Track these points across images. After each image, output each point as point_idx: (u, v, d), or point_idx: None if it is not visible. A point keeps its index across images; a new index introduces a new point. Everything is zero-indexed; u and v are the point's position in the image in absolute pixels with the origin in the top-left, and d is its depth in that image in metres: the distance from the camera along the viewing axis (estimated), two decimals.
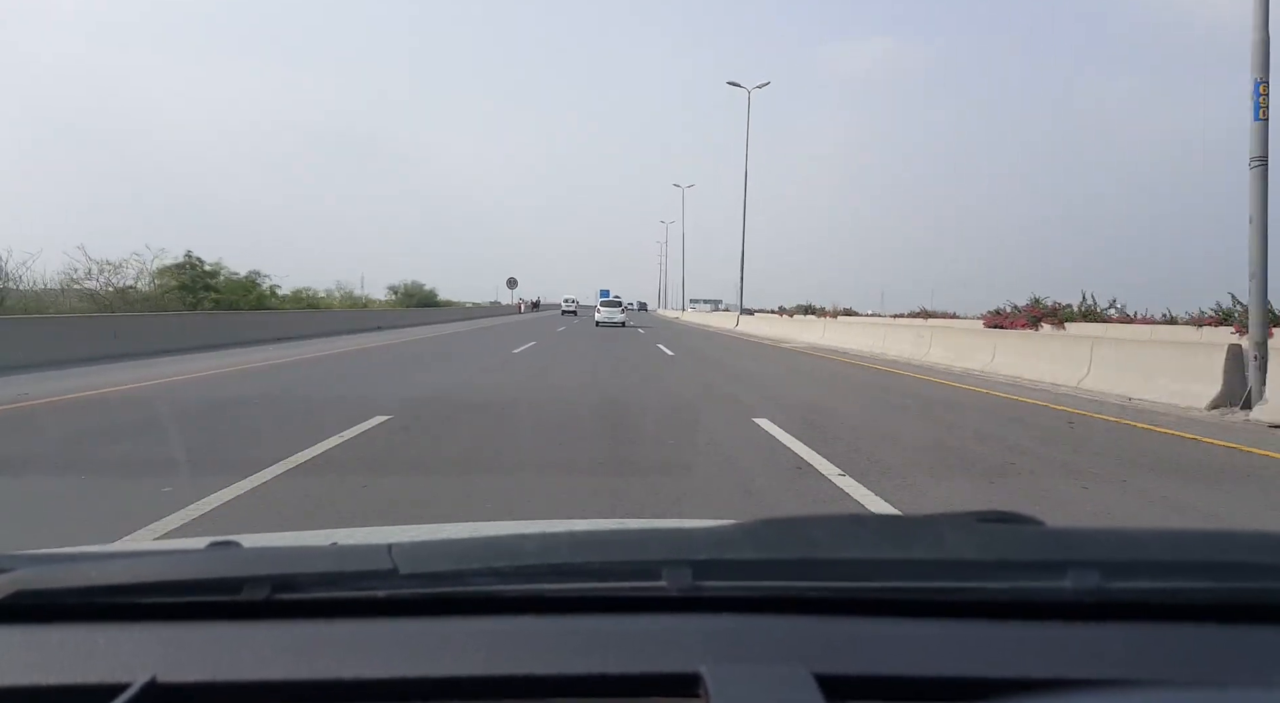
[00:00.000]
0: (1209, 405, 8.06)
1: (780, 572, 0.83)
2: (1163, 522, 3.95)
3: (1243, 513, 4.17)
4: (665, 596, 0.80)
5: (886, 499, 4.17)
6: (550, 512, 3.80)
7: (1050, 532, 0.93)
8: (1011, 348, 12.65)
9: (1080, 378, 10.21)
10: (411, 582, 0.80)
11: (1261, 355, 7.93)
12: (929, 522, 0.95)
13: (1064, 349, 11.11)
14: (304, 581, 0.82)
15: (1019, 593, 0.81)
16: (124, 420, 6.52)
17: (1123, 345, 10.14)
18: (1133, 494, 4.45)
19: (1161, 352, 9.39)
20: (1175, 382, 8.67)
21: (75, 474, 4.45)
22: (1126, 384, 9.35)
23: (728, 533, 0.91)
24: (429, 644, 0.74)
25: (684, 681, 0.69)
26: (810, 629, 0.77)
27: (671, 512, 3.87)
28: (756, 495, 4.23)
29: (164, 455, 5.08)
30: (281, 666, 0.72)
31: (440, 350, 16.32)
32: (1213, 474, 5.20)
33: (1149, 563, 0.86)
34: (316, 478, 4.40)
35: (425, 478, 4.60)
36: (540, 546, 0.88)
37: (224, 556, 0.91)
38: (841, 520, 0.95)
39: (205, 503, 3.78)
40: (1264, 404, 7.67)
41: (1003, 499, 4.20)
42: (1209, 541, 0.97)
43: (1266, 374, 7.84)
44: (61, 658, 0.73)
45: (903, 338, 17.07)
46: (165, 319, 16.35)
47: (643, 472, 4.79)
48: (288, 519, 3.59)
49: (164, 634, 0.77)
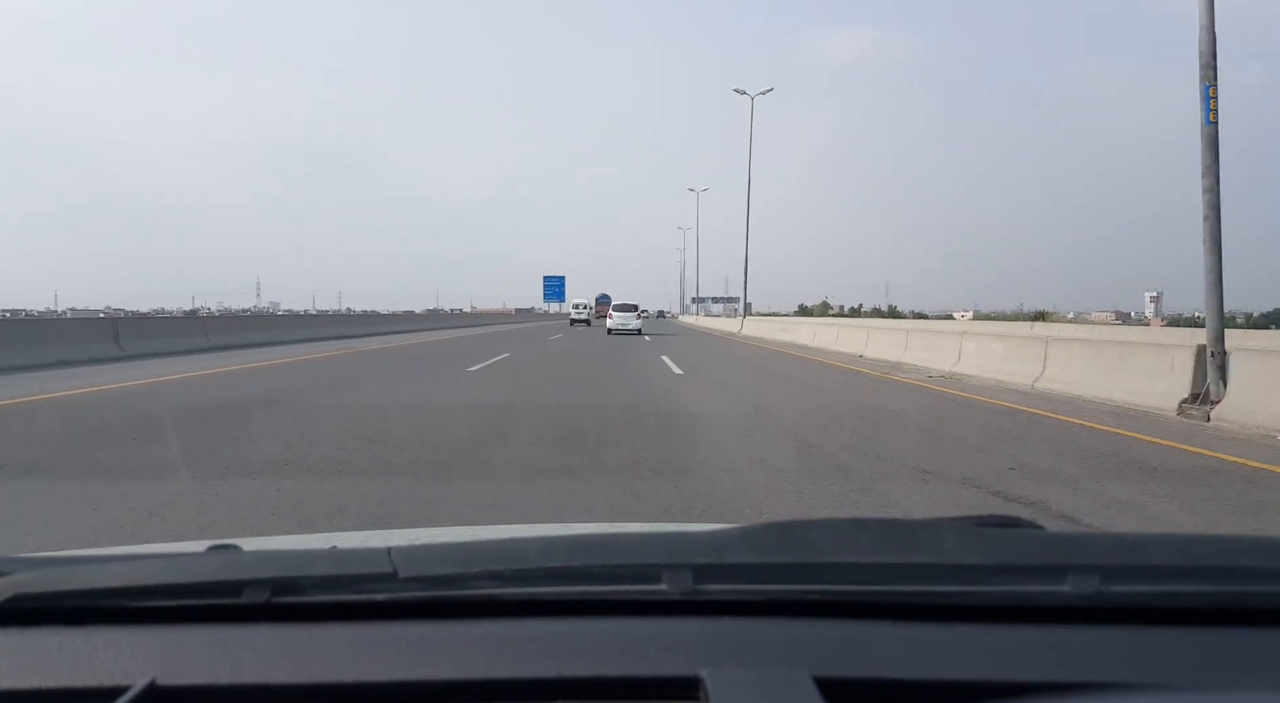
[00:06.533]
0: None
1: (781, 575, 0.83)
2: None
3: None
4: (666, 599, 0.80)
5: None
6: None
7: (1050, 536, 0.93)
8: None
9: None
10: (411, 585, 0.80)
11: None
12: (929, 526, 0.95)
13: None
14: (304, 584, 0.82)
15: (1019, 597, 0.81)
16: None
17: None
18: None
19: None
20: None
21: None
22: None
23: (728, 536, 0.91)
24: (429, 648, 0.74)
25: (685, 684, 0.69)
26: (811, 633, 0.77)
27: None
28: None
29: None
30: (281, 669, 0.72)
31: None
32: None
33: (1149, 567, 0.86)
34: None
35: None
36: (540, 549, 0.88)
37: (224, 559, 0.91)
38: (842, 524, 0.95)
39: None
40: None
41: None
42: (1209, 545, 0.97)
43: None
44: (61, 661, 0.73)
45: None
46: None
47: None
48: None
49: (164, 637, 0.77)
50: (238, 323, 21.80)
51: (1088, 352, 10.14)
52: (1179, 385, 8.32)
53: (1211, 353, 7.93)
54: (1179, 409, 8.05)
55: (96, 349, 13.45)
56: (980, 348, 12.83)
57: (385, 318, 36.98)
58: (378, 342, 21.41)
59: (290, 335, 21.06)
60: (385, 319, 35.49)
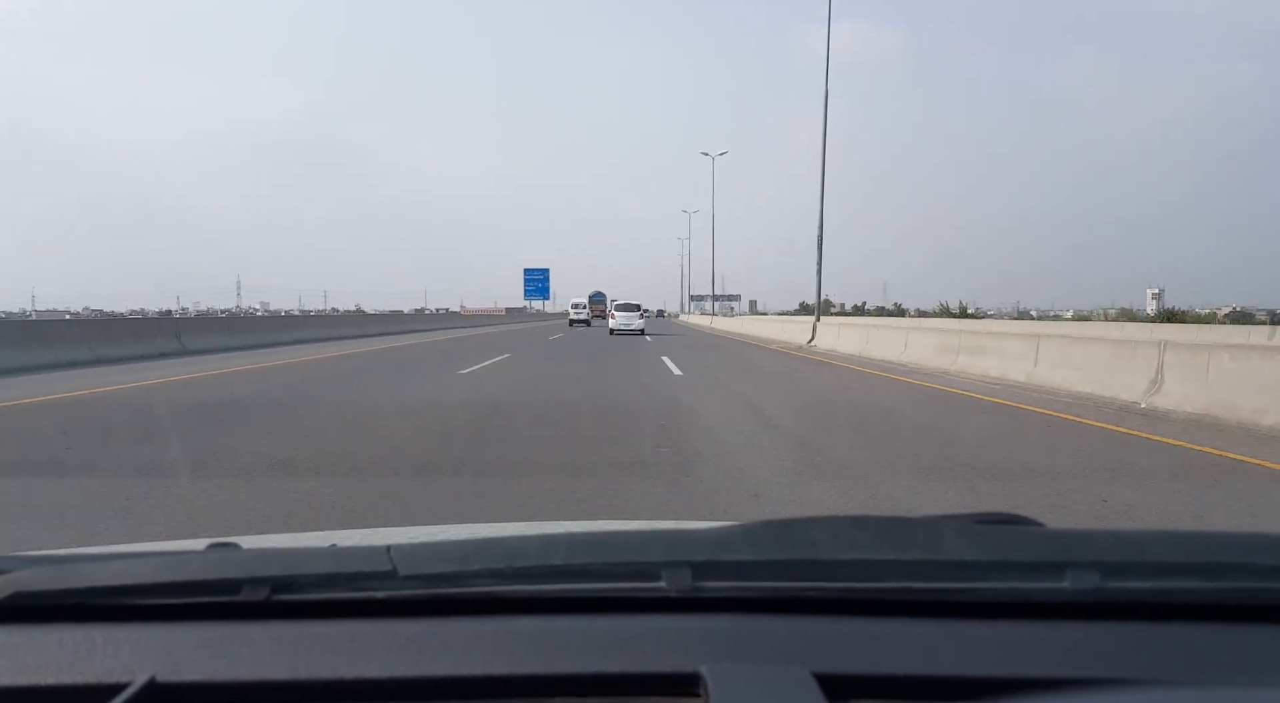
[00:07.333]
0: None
1: (780, 572, 0.83)
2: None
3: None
4: (665, 596, 0.80)
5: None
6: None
7: (1049, 533, 0.93)
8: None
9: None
10: (411, 583, 0.80)
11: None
12: (928, 523, 0.95)
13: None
14: (303, 581, 0.82)
15: (1018, 593, 0.81)
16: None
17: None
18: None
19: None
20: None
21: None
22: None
23: (727, 534, 0.91)
24: (428, 645, 0.74)
25: (684, 681, 0.69)
26: (810, 629, 0.77)
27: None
28: None
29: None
30: (281, 666, 0.72)
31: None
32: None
33: (1148, 564, 0.86)
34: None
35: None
36: (539, 546, 0.88)
37: (223, 557, 0.91)
38: (841, 522, 0.95)
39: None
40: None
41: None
42: (1207, 541, 0.97)
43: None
44: (60, 658, 0.73)
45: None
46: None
47: None
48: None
49: (163, 635, 0.77)
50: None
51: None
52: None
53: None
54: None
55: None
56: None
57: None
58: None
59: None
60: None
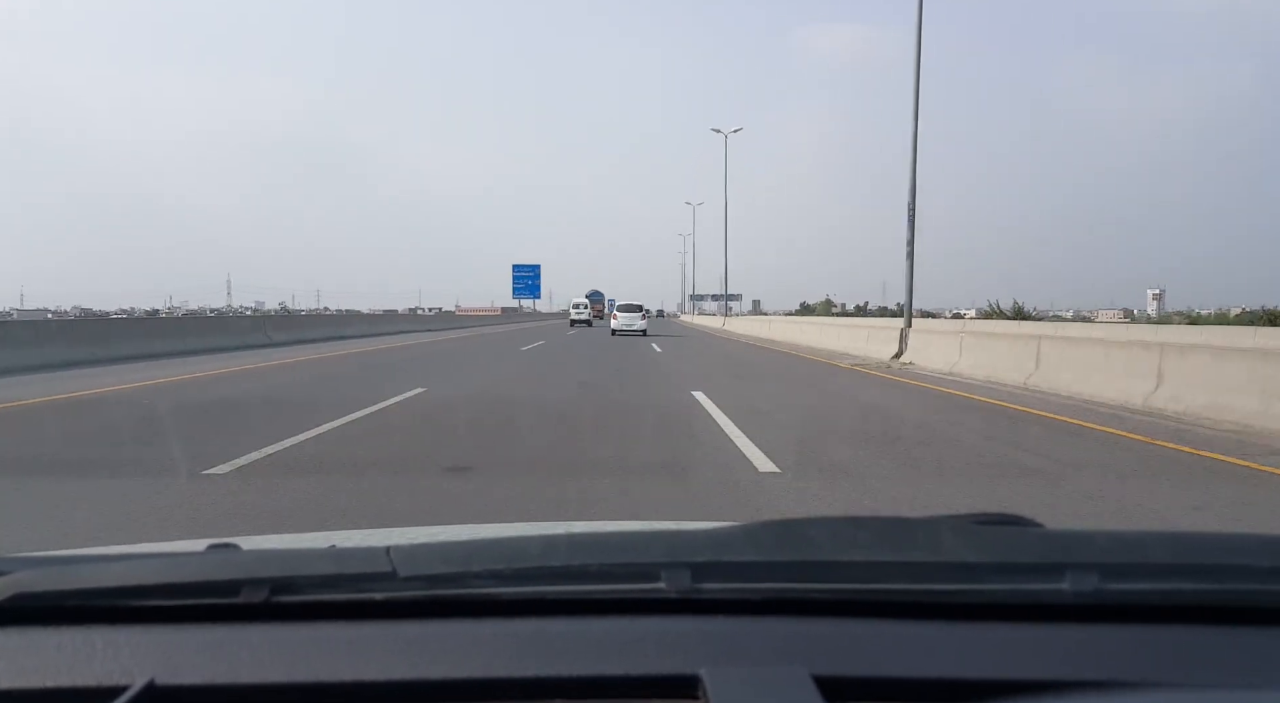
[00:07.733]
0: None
1: (779, 574, 0.83)
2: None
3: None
4: (664, 598, 0.80)
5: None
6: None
7: (1049, 534, 0.93)
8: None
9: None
10: (410, 584, 0.80)
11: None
12: (928, 524, 0.95)
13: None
14: (302, 583, 0.81)
15: (1018, 595, 0.81)
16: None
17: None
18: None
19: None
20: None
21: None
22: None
23: (726, 535, 0.91)
24: (428, 647, 0.74)
25: (683, 683, 0.69)
26: (809, 631, 0.77)
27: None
28: None
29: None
30: (280, 668, 0.72)
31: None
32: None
33: (1147, 565, 0.86)
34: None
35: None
36: (539, 548, 0.88)
37: (222, 558, 0.91)
38: (840, 523, 0.95)
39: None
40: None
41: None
42: (1207, 543, 0.97)
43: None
44: (60, 661, 0.73)
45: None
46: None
47: None
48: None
49: (163, 637, 0.77)
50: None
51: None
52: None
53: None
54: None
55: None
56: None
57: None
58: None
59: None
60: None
